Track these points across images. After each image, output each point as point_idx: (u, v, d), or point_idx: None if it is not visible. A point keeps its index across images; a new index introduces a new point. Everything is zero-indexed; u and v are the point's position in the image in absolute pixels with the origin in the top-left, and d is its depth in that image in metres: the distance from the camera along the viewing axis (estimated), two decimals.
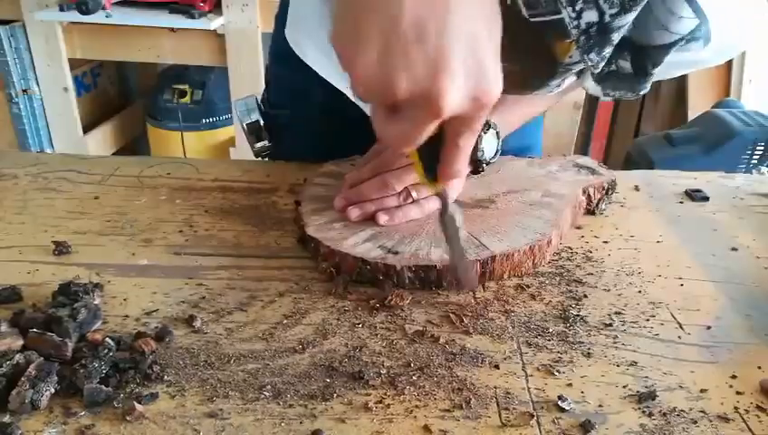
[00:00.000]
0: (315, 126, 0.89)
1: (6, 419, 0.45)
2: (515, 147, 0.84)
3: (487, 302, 0.61)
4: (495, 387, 0.50)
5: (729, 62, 2.35)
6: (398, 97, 0.41)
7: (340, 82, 0.74)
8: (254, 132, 0.89)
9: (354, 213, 0.69)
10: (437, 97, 0.40)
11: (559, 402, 0.48)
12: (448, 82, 0.40)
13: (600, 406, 0.49)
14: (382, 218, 0.68)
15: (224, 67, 2.30)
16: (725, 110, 2.03)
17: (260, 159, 0.92)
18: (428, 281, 0.62)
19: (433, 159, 0.48)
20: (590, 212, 0.77)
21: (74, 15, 2.11)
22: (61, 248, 0.66)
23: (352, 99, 0.75)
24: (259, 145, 0.90)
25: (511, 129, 0.78)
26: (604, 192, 0.78)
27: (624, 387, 0.51)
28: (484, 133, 0.73)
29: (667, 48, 0.61)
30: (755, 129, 1.87)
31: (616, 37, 0.54)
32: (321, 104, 0.87)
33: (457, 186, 0.72)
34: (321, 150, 0.84)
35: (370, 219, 0.69)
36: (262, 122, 0.89)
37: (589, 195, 0.77)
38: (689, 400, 0.50)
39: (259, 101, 0.92)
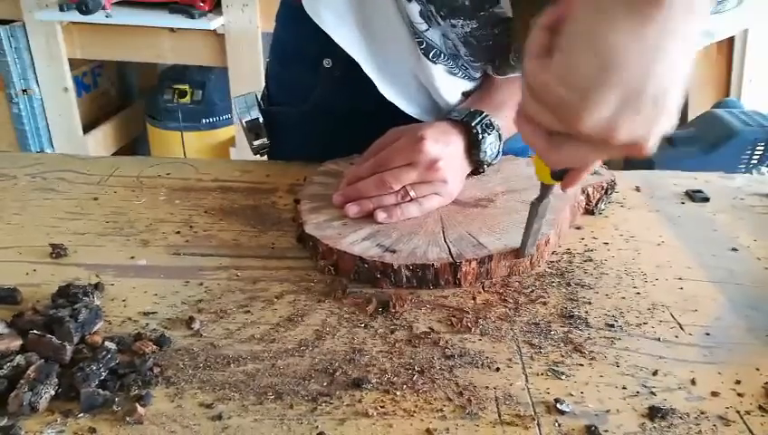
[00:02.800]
0: (315, 124, 0.88)
1: (5, 421, 0.45)
2: (516, 147, 0.84)
3: (487, 303, 0.61)
4: (495, 389, 0.50)
5: (729, 62, 2.35)
6: (612, 144, 0.45)
7: (359, 53, 0.73)
8: (253, 130, 0.88)
9: (353, 210, 0.69)
10: (646, 144, 0.45)
11: (557, 405, 0.48)
12: (659, 131, 0.45)
13: (599, 407, 0.49)
14: (380, 216, 0.68)
15: (224, 67, 2.30)
16: (725, 110, 2.03)
17: (258, 156, 0.92)
18: (426, 280, 0.62)
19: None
20: (589, 212, 0.77)
21: (74, 15, 2.11)
22: (58, 251, 0.66)
23: (378, 86, 0.74)
24: (258, 143, 0.89)
25: (513, 131, 0.77)
26: (603, 192, 0.78)
27: (624, 388, 0.51)
28: (488, 135, 0.73)
29: None
30: (755, 129, 1.87)
31: None
32: (321, 102, 0.87)
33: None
34: (320, 149, 0.84)
35: (369, 217, 0.69)
36: (261, 120, 0.89)
37: (588, 194, 0.77)
38: (689, 401, 0.50)
39: (259, 98, 0.91)
